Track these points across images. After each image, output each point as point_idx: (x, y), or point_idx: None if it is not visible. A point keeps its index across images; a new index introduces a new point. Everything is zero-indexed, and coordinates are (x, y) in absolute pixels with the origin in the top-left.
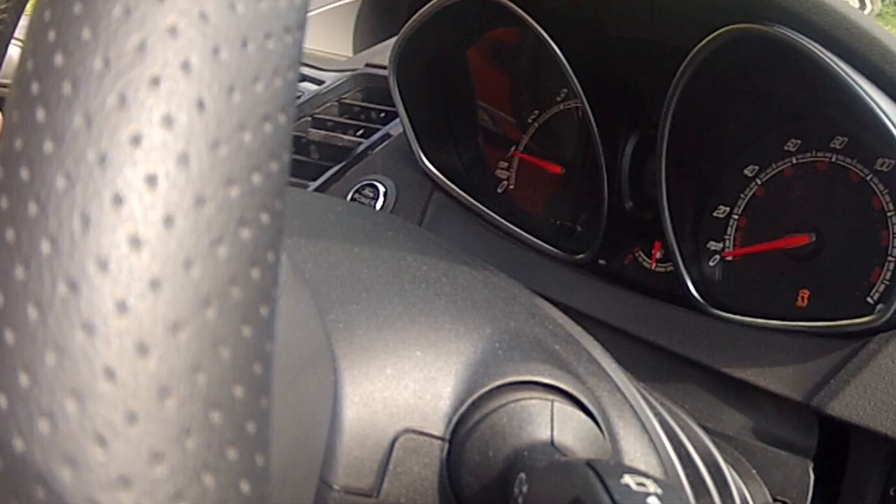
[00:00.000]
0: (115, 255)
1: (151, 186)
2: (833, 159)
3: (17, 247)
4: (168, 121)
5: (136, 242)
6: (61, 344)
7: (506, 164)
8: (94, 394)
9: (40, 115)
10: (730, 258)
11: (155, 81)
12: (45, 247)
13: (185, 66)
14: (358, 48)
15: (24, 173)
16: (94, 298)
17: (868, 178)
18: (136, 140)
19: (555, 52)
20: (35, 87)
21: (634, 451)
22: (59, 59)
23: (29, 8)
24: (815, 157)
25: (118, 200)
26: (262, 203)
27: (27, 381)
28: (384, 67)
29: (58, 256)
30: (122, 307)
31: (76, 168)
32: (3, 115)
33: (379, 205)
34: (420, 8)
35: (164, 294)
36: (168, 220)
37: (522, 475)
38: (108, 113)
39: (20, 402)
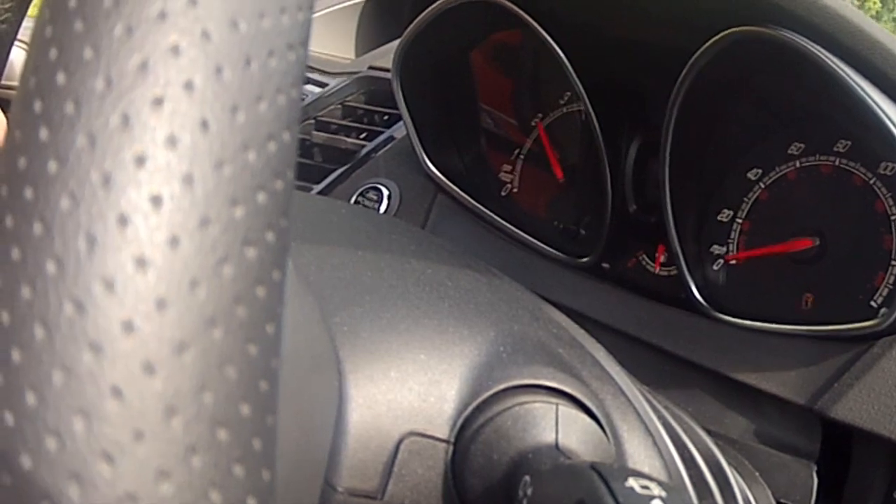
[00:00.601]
0: (120, 276)
1: (157, 207)
2: (836, 163)
3: (22, 266)
4: (172, 141)
5: (141, 263)
6: (68, 364)
7: (509, 167)
8: (102, 413)
9: (43, 134)
10: (733, 262)
11: (158, 101)
12: (51, 267)
13: (189, 86)
14: (361, 51)
15: (29, 193)
16: (101, 319)
17: (871, 181)
18: (140, 161)
19: (558, 55)
20: (38, 106)
21: (638, 454)
22: (61, 78)
23: (32, 10)
24: (819, 160)
25: (123, 221)
26: (267, 222)
27: (34, 399)
28: (387, 70)
29: (63, 277)
30: (128, 327)
31: (80, 189)
32: (6, 133)
33: (382, 208)
34: (423, 10)
35: (170, 314)
36: (173, 241)
37: (527, 478)
38: (111, 133)
39: (27, 421)
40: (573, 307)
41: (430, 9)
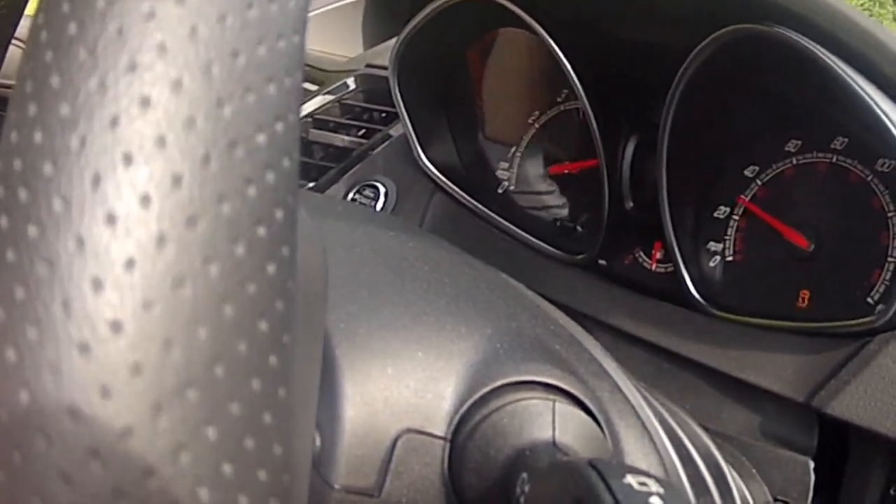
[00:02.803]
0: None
1: (160, 247)
2: (834, 160)
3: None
4: (176, 179)
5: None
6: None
7: (506, 165)
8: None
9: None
10: (730, 258)
11: (161, 141)
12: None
13: (189, 123)
14: (359, 49)
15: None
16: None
17: (868, 178)
18: (145, 200)
19: (556, 52)
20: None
21: (635, 450)
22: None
23: (30, 9)
24: (816, 157)
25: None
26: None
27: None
28: (385, 68)
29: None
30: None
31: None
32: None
33: (379, 205)
34: (421, 9)
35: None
36: (177, 281)
37: (524, 475)
38: (113, 168)
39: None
40: (570, 304)
41: (428, 7)
